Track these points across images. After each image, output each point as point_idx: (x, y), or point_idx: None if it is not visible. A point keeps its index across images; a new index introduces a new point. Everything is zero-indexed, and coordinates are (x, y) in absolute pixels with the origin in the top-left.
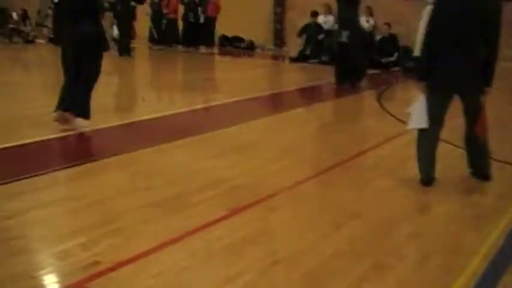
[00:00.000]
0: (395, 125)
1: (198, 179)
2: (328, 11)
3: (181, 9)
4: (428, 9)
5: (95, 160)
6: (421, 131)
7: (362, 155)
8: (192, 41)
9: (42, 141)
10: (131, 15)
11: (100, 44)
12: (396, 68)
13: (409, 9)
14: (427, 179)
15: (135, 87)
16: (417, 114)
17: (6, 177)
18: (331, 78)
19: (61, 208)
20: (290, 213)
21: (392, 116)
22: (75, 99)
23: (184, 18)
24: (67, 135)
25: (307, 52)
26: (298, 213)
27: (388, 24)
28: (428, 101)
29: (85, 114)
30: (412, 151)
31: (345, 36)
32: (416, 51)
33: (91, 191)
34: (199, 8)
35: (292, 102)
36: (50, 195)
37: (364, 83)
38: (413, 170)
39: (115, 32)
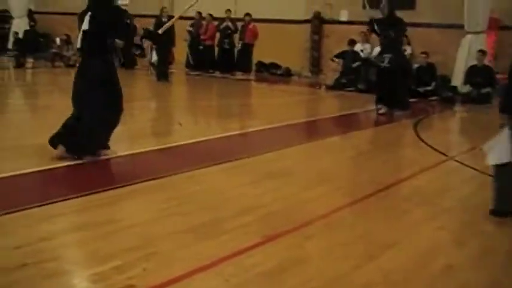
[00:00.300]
0: (431, 155)
1: (233, 205)
2: (366, 39)
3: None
4: (467, 38)
5: (130, 184)
6: (501, 166)
7: (397, 185)
8: (228, 67)
9: (80, 164)
10: (170, 41)
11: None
12: (433, 97)
13: (447, 38)
14: (502, 211)
15: (172, 112)
16: (500, 148)
17: (41, 199)
18: (368, 106)
19: (95, 231)
20: (324, 241)
21: (429, 145)
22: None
23: (220, 44)
24: (103, 159)
25: (344, 80)
26: (333, 242)
27: (426, 53)
28: None
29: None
30: (447, 183)
31: (386, 60)
32: (454, 81)
33: (126, 215)
34: (235, 35)
35: (328, 129)
36: (84, 218)
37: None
38: (448, 201)
39: (154, 57)
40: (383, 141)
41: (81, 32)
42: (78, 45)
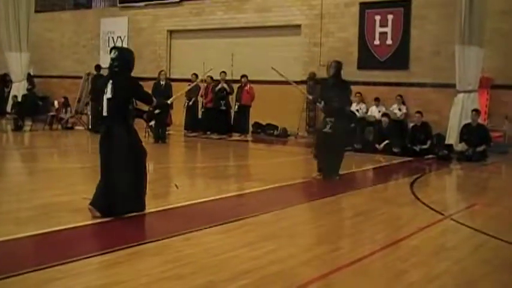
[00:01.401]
0: (428, 214)
1: (230, 267)
2: (361, 99)
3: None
4: (459, 97)
5: (127, 247)
6: None
7: (395, 245)
8: (225, 128)
9: (78, 227)
10: (167, 105)
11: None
12: (429, 156)
13: (441, 97)
14: None
15: (169, 173)
16: None
17: (40, 263)
18: (365, 166)
19: None
20: None
21: (425, 204)
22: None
23: (216, 106)
24: (101, 222)
25: None
26: None
27: (420, 113)
28: None
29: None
30: (444, 242)
31: (328, 126)
32: (449, 139)
33: (122, 278)
34: (230, 97)
35: (325, 189)
36: (81, 282)
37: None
38: (445, 262)
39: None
40: (380, 200)
41: (105, 100)
42: (105, 113)
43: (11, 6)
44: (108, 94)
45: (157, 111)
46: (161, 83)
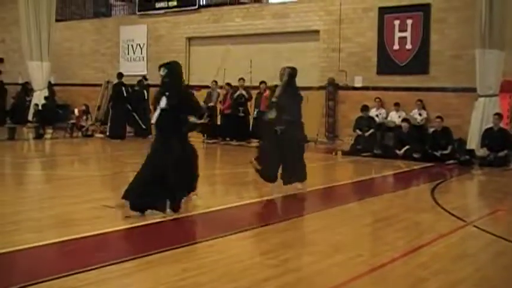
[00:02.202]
0: (449, 220)
1: (248, 275)
2: (380, 104)
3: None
4: (480, 101)
5: (147, 255)
6: None
7: (415, 252)
8: (244, 135)
9: (97, 235)
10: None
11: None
12: (450, 161)
13: (461, 101)
14: None
15: None
16: None
17: (60, 271)
18: (385, 171)
19: None
20: None
21: (446, 211)
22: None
23: (235, 113)
24: (121, 229)
25: (360, 146)
26: None
27: (441, 118)
28: None
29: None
30: (466, 249)
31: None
32: (471, 144)
33: (142, 286)
34: (248, 103)
35: (344, 196)
36: None
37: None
38: (466, 269)
39: None
40: (400, 207)
41: (158, 110)
42: (153, 121)
43: (32, 16)
44: (162, 104)
45: (205, 119)
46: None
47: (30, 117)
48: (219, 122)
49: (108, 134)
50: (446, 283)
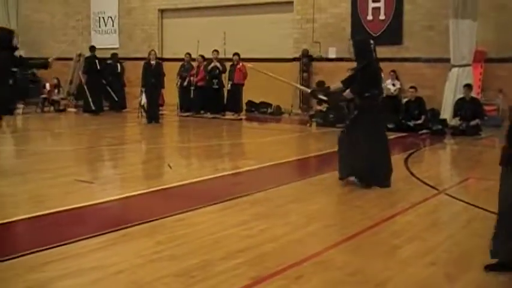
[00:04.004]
0: (422, 189)
1: (223, 247)
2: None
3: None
4: (454, 72)
5: (120, 229)
6: None
7: (388, 221)
8: (218, 107)
9: (71, 209)
10: (159, 84)
11: None
12: (423, 131)
13: (435, 72)
14: None
15: (162, 154)
16: None
17: (33, 246)
18: None
19: (86, 278)
20: (316, 281)
21: (419, 179)
22: None
23: (209, 85)
24: (93, 204)
25: (332, 116)
26: (324, 281)
27: (414, 88)
28: None
29: None
30: (438, 217)
31: None
32: (444, 114)
33: (116, 260)
34: (223, 75)
35: (318, 167)
36: (75, 265)
37: None
38: (438, 236)
39: (143, 99)
40: None
41: None
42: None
43: None
44: None
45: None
46: (151, 62)
47: None
48: (192, 95)
49: (84, 108)
50: (418, 250)
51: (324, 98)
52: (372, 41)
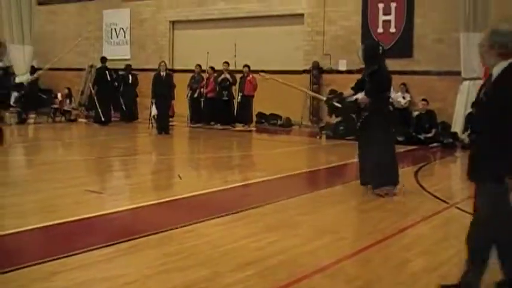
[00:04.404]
0: (432, 202)
1: (232, 259)
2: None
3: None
4: (465, 85)
5: (129, 240)
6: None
7: (399, 234)
8: (228, 118)
9: (80, 220)
10: (170, 95)
11: None
12: (434, 144)
13: (446, 85)
14: None
15: (172, 165)
16: None
17: (42, 256)
18: None
19: None
20: None
21: (430, 193)
22: None
23: (219, 97)
24: (103, 214)
25: (343, 128)
26: None
27: (426, 100)
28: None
29: None
30: (449, 230)
31: None
32: (455, 127)
33: (124, 271)
34: (233, 87)
35: (329, 179)
36: (84, 275)
37: None
38: (449, 250)
39: (154, 111)
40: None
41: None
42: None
43: None
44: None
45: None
46: (161, 73)
47: (12, 102)
48: (202, 106)
49: (94, 119)
50: (429, 264)
51: (339, 104)
52: (381, 46)
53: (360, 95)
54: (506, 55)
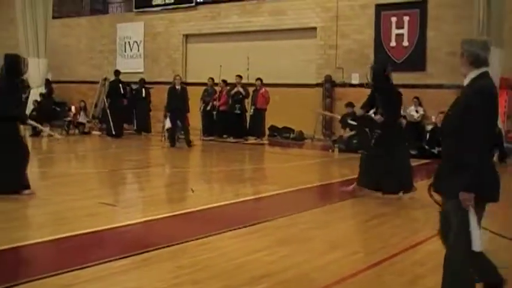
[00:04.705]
0: None
1: (244, 273)
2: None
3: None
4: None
5: (143, 252)
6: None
7: (412, 249)
8: (241, 132)
9: (94, 232)
10: (185, 108)
11: None
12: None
13: None
14: None
15: (185, 178)
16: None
17: (55, 268)
18: None
19: None
20: None
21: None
22: None
23: (231, 110)
24: (117, 227)
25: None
26: None
27: (443, 113)
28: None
29: None
30: None
31: None
32: None
33: (138, 284)
34: (246, 100)
35: (341, 194)
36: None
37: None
38: None
39: (167, 124)
40: (396, 204)
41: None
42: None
43: (29, 13)
44: None
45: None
46: (176, 87)
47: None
48: (215, 119)
49: (106, 131)
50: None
51: (353, 122)
52: (389, 67)
53: (376, 117)
54: (478, 65)
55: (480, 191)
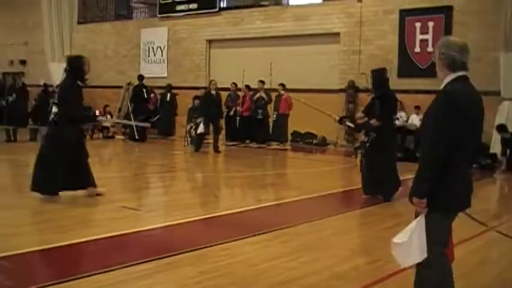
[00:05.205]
0: (470, 225)
1: (267, 278)
2: (401, 107)
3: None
4: (504, 105)
5: (166, 257)
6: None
7: None
8: (264, 137)
9: (116, 236)
10: (219, 112)
11: None
12: (472, 165)
13: (484, 104)
14: None
15: (208, 182)
16: (417, 244)
17: (78, 272)
18: (406, 175)
19: None
20: None
21: (468, 215)
22: None
23: (254, 115)
24: (140, 231)
25: None
26: None
27: None
28: (435, 223)
29: None
30: (487, 254)
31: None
32: (493, 148)
33: None
34: (268, 106)
35: (364, 199)
36: None
37: None
38: (487, 275)
39: (200, 129)
40: None
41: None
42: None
43: (54, 18)
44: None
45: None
46: (212, 92)
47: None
48: (238, 125)
49: (129, 136)
50: (470, 286)
51: (351, 124)
52: (386, 72)
53: (371, 120)
54: (454, 68)
55: (443, 201)
